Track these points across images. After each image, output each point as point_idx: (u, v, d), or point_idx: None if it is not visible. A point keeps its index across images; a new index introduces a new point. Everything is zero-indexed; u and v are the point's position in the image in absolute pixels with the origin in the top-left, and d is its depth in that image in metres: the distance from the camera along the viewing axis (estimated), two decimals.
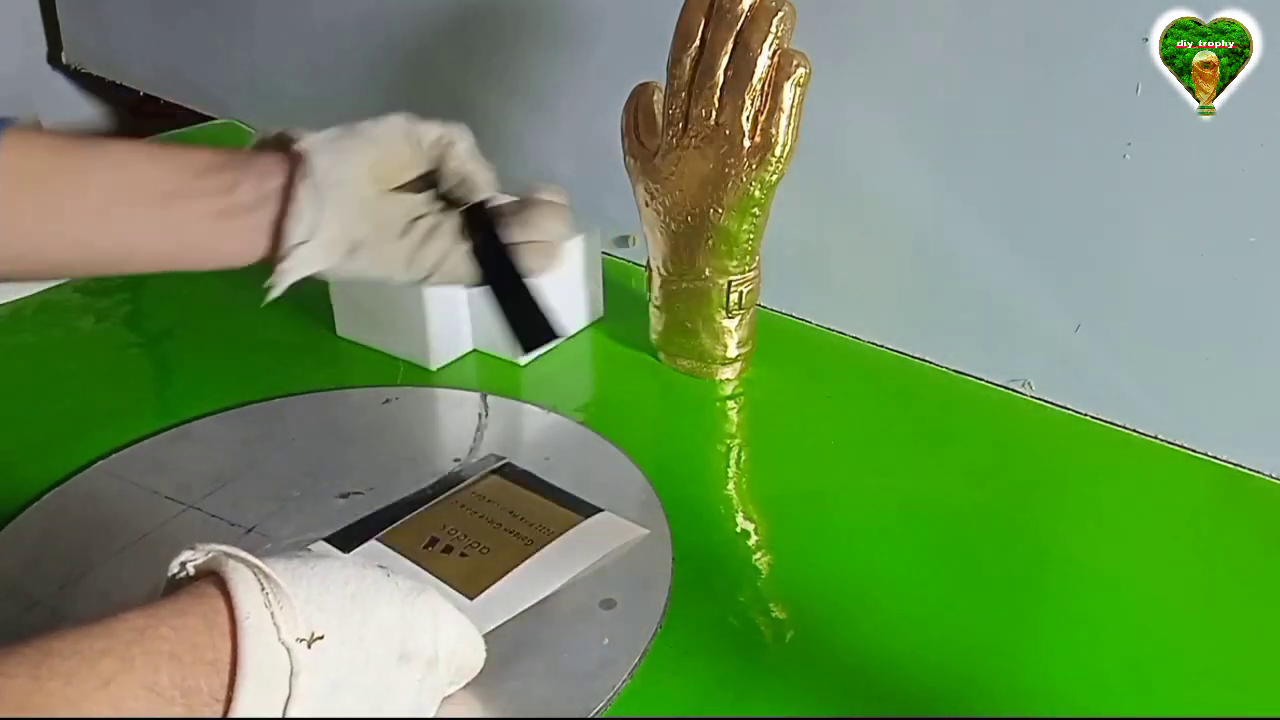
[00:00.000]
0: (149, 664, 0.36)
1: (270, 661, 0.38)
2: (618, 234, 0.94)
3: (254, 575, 0.39)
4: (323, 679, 0.40)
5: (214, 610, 0.39)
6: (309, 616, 0.40)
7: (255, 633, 0.38)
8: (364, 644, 0.42)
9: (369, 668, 0.42)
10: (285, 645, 0.39)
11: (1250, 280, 0.64)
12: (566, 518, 0.61)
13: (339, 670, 0.40)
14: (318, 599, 0.41)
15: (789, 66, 0.68)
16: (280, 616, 0.39)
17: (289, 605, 0.39)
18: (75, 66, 1.47)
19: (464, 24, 1.01)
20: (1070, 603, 0.57)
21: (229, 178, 0.53)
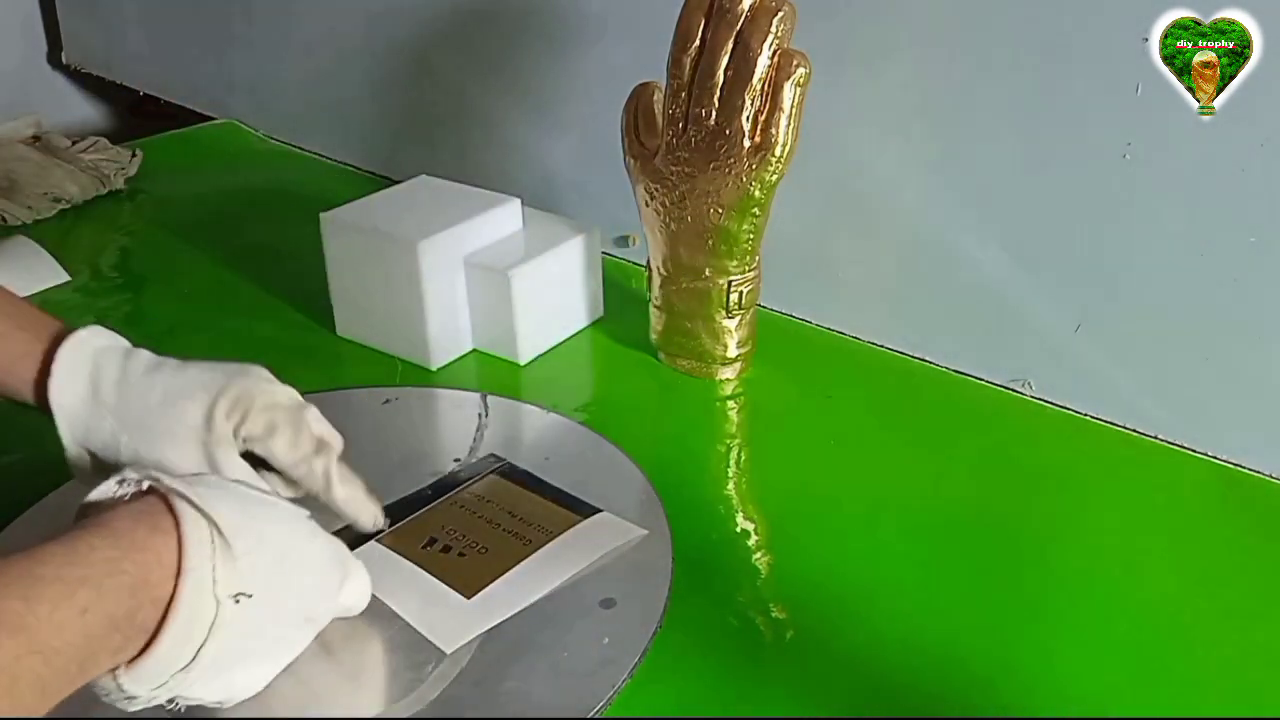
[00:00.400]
0: (115, 596, 0.39)
1: (199, 610, 0.42)
2: (618, 234, 0.94)
3: (207, 526, 0.42)
4: (238, 631, 0.43)
5: (167, 549, 0.41)
6: (243, 574, 0.43)
7: (196, 584, 0.41)
8: (280, 606, 0.46)
9: (277, 625, 0.46)
10: (217, 599, 0.42)
11: (1250, 280, 0.64)
12: (565, 518, 0.61)
13: (252, 624, 0.44)
14: (253, 557, 0.44)
15: (789, 66, 0.68)
16: (220, 571, 0.42)
17: (230, 561, 0.42)
18: (75, 66, 1.47)
19: (465, 25, 1.01)
20: (1070, 602, 0.57)
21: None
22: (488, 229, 0.80)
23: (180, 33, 1.33)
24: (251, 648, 0.45)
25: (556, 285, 0.81)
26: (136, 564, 0.40)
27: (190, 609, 0.41)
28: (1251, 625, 0.56)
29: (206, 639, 0.42)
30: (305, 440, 0.54)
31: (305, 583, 0.48)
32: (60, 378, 0.53)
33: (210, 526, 0.42)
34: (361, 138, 1.18)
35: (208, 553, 0.42)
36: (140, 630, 0.40)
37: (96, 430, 0.54)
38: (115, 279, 0.96)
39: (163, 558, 0.41)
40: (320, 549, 0.49)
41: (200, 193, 1.14)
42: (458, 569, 0.57)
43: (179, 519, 0.42)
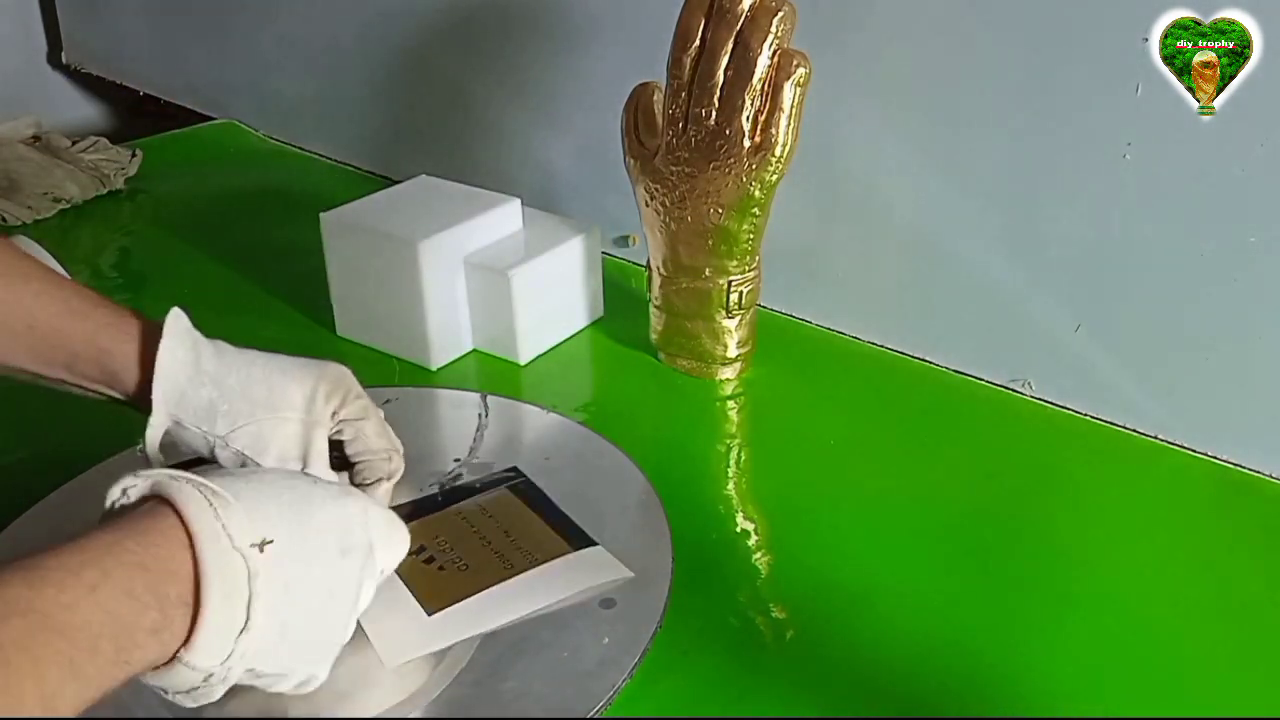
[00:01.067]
0: (124, 573, 0.39)
1: (229, 567, 0.41)
2: (618, 234, 0.94)
3: (199, 492, 0.42)
4: (277, 578, 0.43)
5: (169, 526, 0.41)
6: (255, 524, 0.43)
7: (211, 542, 0.41)
8: (308, 543, 0.45)
9: (316, 563, 0.45)
10: (240, 551, 0.42)
11: (1250, 280, 0.64)
12: (557, 546, 0.58)
13: (291, 569, 0.44)
14: (261, 508, 0.44)
15: (789, 66, 0.68)
16: (231, 527, 0.42)
17: (237, 514, 0.42)
18: (75, 66, 1.47)
19: (465, 24, 1.01)
20: (1070, 602, 0.57)
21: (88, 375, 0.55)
22: (488, 229, 0.80)
23: (180, 33, 1.33)
24: (301, 596, 0.44)
25: (556, 285, 0.81)
26: (140, 544, 0.40)
27: (217, 568, 0.41)
28: (1251, 625, 0.56)
29: (251, 594, 0.41)
30: (391, 435, 0.59)
31: (324, 516, 0.46)
32: (170, 341, 0.54)
33: (203, 491, 0.42)
34: (361, 138, 1.18)
35: (209, 513, 0.42)
36: (179, 604, 0.40)
37: (193, 398, 0.54)
38: (115, 279, 0.96)
39: (167, 534, 0.41)
40: (326, 487, 0.48)
41: (200, 193, 1.14)
42: (432, 582, 0.56)
43: (169, 494, 0.42)
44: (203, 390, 0.54)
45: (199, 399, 0.54)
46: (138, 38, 1.38)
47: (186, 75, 1.35)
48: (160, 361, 0.53)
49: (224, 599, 0.41)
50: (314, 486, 0.48)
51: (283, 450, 0.55)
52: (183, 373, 0.54)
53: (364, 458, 0.58)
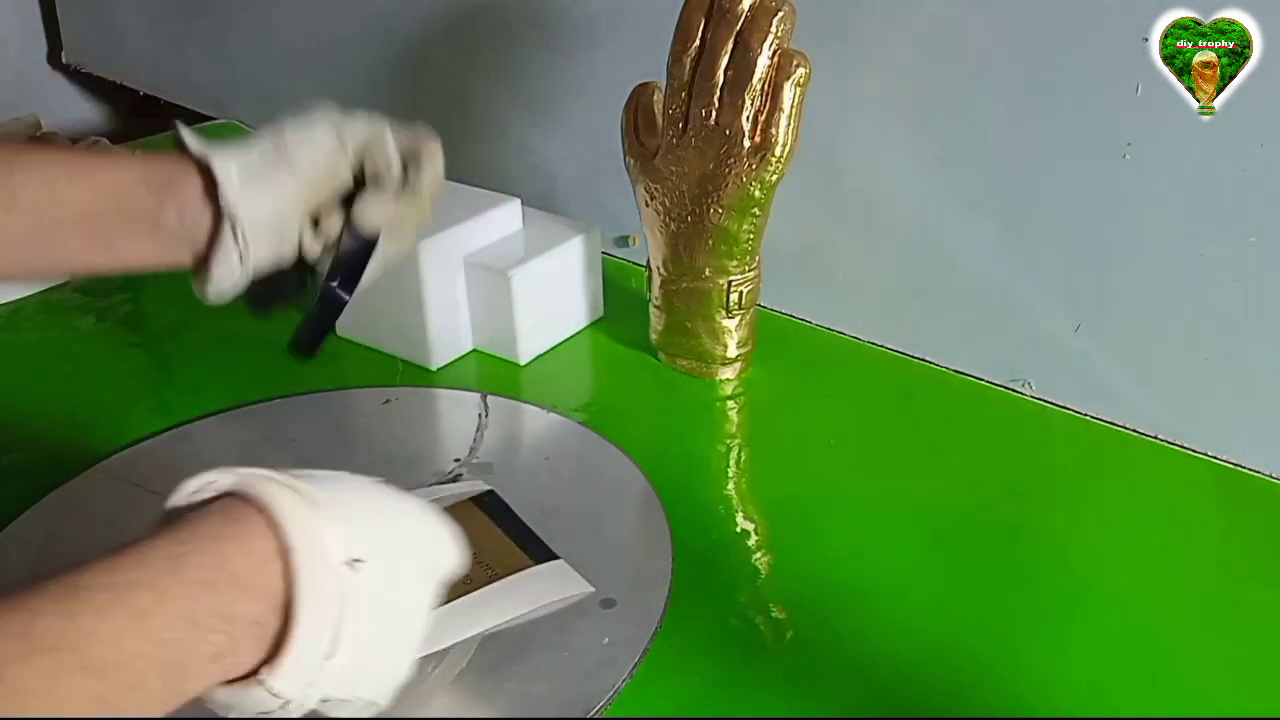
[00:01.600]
0: (185, 593, 0.35)
1: (322, 586, 0.38)
2: (618, 234, 0.94)
3: (298, 499, 0.39)
4: (367, 600, 0.40)
5: (255, 535, 0.38)
6: (349, 539, 0.39)
7: (309, 559, 0.37)
8: (396, 564, 0.42)
9: (400, 586, 0.42)
10: (334, 570, 0.38)
11: (1250, 280, 0.64)
12: (518, 560, 0.57)
13: (379, 591, 0.40)
14: (353, 522, 0.40)
15: (789, 66, 0.68)
16: (327, 540, 0.38)
17: (333, 529, 0.39)
18: (75, 66, 1.47)
19: (464, 25, 1.01)
20: (1070, 602, 0.57)
21: (150, 202, 0.54)
22: (488, 229, 0.80)
23: (180, 33, 1.33)
24: (386, 619, 0.41)
25: (556, 285, 0.81)
26: (212, 556, 0.36)
27: (313, 586, 0.37)
28: (1251, 625, 0.56)
29: (342, 616, 0.38)
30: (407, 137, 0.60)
31: (409, 537, 0.44)
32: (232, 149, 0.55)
33: (298, 492, 0.39)
34: None
35: (307, 526, 0.38)
36: (251, 626, 0.36)
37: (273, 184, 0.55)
38: (115, 279, 0.96)
39: (251, 545, 0.37)
40: (411, 503, 0.45)
41: None
42: None
43: (263, 500, 0.38)
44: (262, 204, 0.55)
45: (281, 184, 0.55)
46: (138, 38, 1.38)
47: (186, 75, 1.35)
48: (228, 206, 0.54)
49: (315, 622, 0.37)
50: (399, 500, 0.45)
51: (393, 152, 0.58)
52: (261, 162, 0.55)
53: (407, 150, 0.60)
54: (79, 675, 0.32)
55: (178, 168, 0.55)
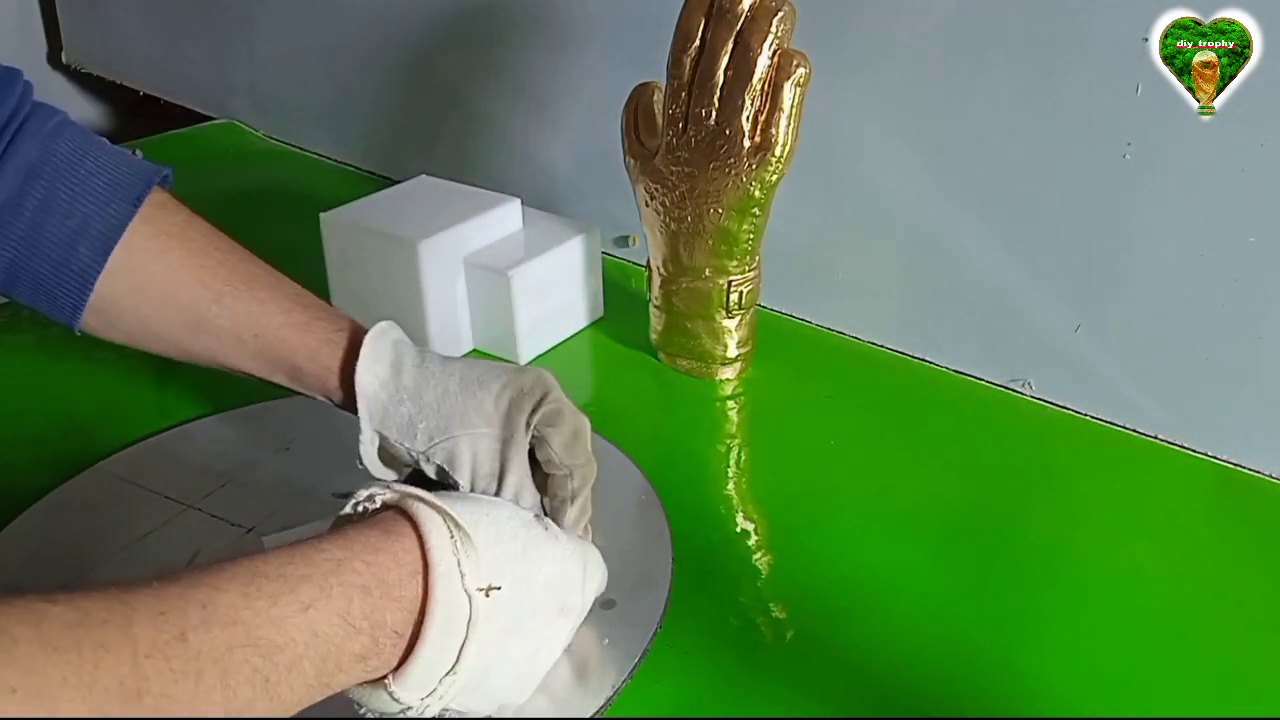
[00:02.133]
0: (344, 594, 0.39)
1: (454, 607, 0.41)
2: (618, 234, 0.94)
3: (444, 522, 0.42)
4: (495, 626, 0.42)
5: (404, 550, 0.41)
6: (488, 567, 0.42)
7: (445, 579, 0.41)
8: (531, 595, 0.45)
9: (534, 617, 0.45)
10: (468, 593, 0.41)
11: (1250, 280, 0.64)
12: None
13: (509, 619, 0.43)
14: (495, 550, 0.43)
15: (789, 66, 0.68)
16: (465, 565, 0.41)
17: (474, 555, 0.42)
18: (75, 66, 1.47)
19: (464, 24, 1.01)
20: (1070, 602, 0.57)
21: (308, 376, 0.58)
22: (488, 229, 0.80)
23: (180, 33, 1.33)
24: (512, 646, 0.44)
25: (556, 285, 0.81)
26: (368, 564, 0.40)
27: (444, 606, 0.40)
28: (1251, 625, 0.56)
29: (466, 637, 0.41)
30: (582, 443, 0.54)
31: (551, 572, 0.46)
32: (367, 360, 0.55)
33: (448, 522, 0.42)
34: (361, 138, 1.18)
35: (449, 548, 0.41)
36: (392, 634, 0.40)
37: (394, 415, 0.54)
38: None
39: (400, 559, 0.41)
40: (556, 541, 0.48)
41: (200, 193, 1.13)
42: None
43: (416, 519, 0.41)
44: (402, 407, 0.54)
45: (399, 415, 0.54)
46: (138, 38, 1.38)
47: (186, 75, 1.35)
48: (359, 381, 0.54)
49: (442, 638, 0.41)
50: (547, 538, 0.47)
51: (475, 466, 0.53)
52: (383, 390, 0.55)
53: (549, 470, 0.54)
54: (248, 650, 0.35)
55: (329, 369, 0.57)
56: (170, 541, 0.61)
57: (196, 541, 0.61)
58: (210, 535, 0.61)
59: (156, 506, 0.63)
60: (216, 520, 0.62)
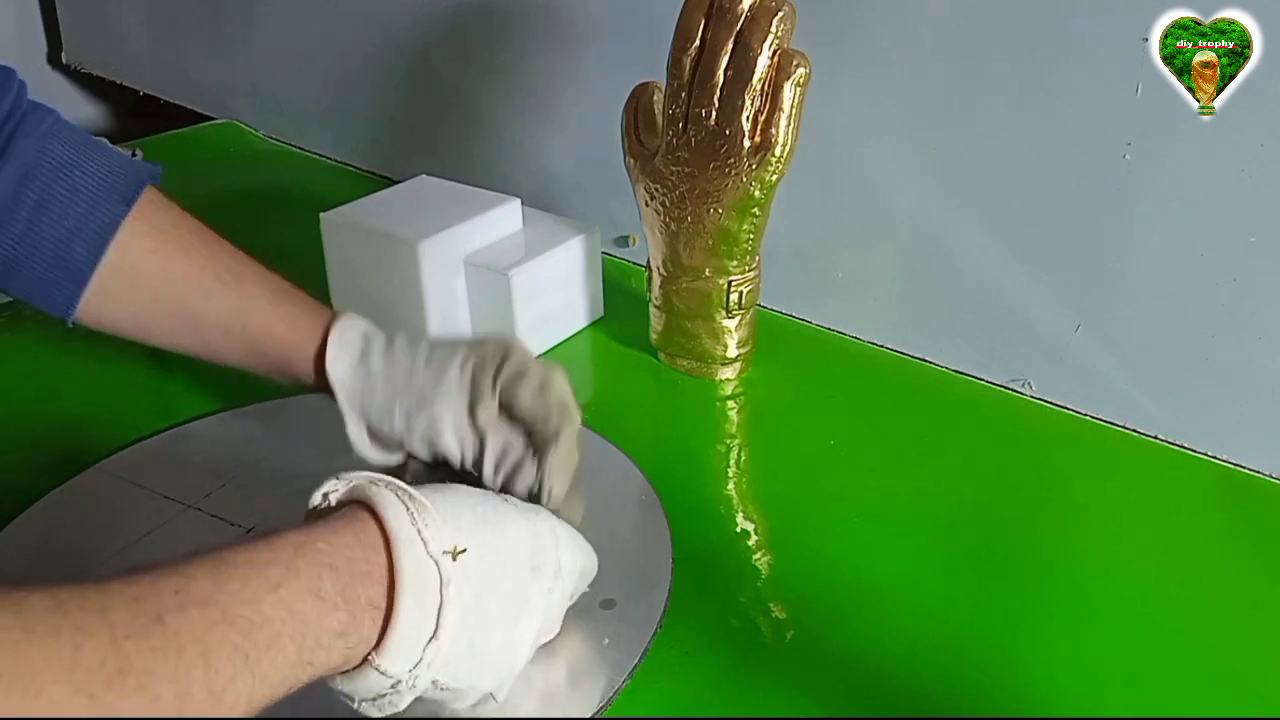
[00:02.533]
0: (312, 573, 0.39)
1: (422, 572, 0.41)
2: (618, 234, 0.94)
3: (398, 497, 0.42)
4: (468, 588, 0.43)
5: (364, 529, 0.42)
6: (450, 533, 0.43)
7: (408, 546, 0.41)
8: (500, 556, 0.45)
9: (506, 578, 0.45)
10: (433, 558, 0.42)
11: (1250, 280, 0.64)
12: None
13: (481, 581, 0.44)
14: (455, 518, 0.44)
15: (789, 66, 0.68)
16: (426, 533, 0.42)
17: (433, 522, 0.42)
18: (75, 66, 1.47)
19: (465, 24, 1.01)
20: (1070, 602, 0.57)
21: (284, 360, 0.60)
22: (488, 229, 0.80)
23: (180, 33, 1.33)
24: (490, 610, 0.44)
25: (556, 285, 0.81)
26: (331, 544, 0.40)
27: (411, 573, 0.41)
28: (1251, 625, 0.56)
29: (441, 601, 0.41)
30: (553, 392, 0.56)
31: (515, 533, 0.47)
32: (334, 350, 0.57)
33: (401, 497, 0.43)
34: (361, 138, 1.18)
35: (407, 518, 0.42)
36: (368, 607, 0.40)
37: (371, 400, 0.57)
38: None
39: (362, 537, 0.41)
40: (516, 504, 0.49)
41: (200, 193, 1.13)
42: None
43: (370, 500, 0.42)
44: (377, 391, 0.57)
45: (376, 399, 0.57)
46: (138, 38, 1.38)
47: (186, 75, 1.35)
48: (331, 372, 0.57)
49: (416, 604, 0.41)
50: (505, 503, 0.48)
51: (458, 435, 0.55)
52: (355, 379, 0.57)
53: (528, 425, 0.55)
54: (226, 628, 0.36)
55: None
56: (170, 541, 0.61)
57: (196, 541, 0.61)
58: (210, 535, 0.61)
59: (156, 506, 0.63)
60: (217, 520, 0.62)
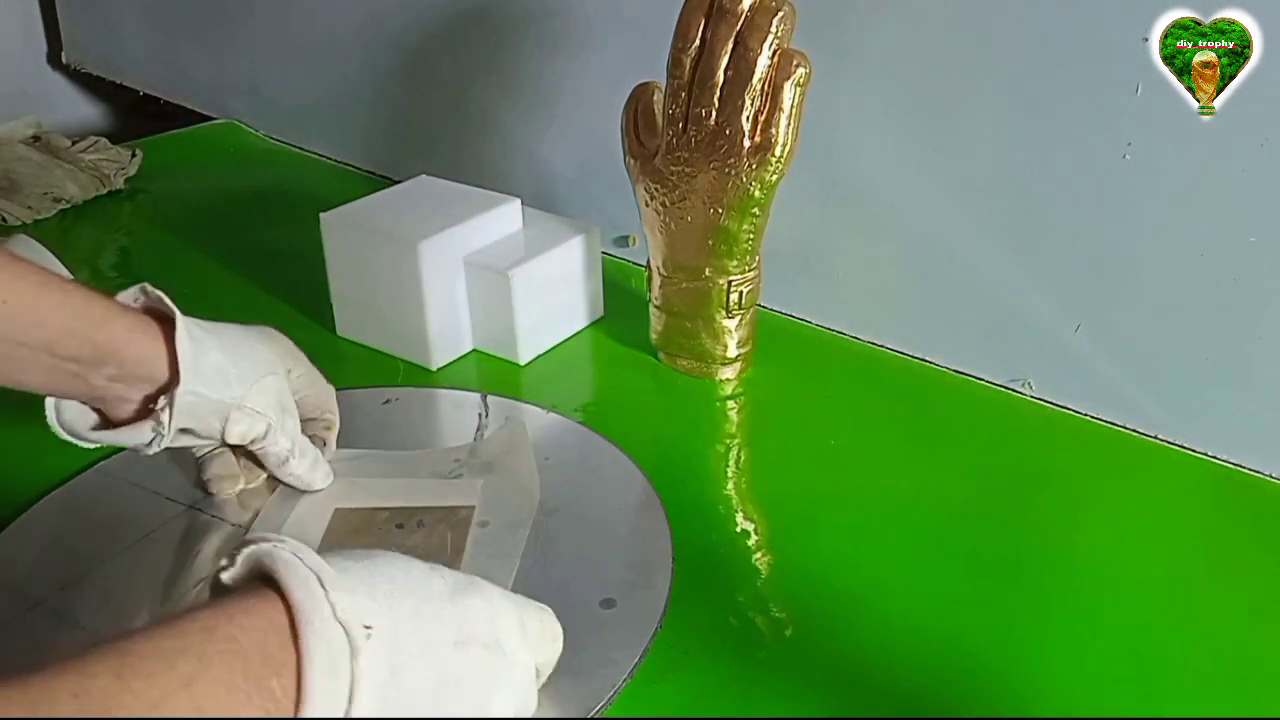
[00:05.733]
0: (224, 662, 0.36)
1: (332, 646, 0.39)
2: (618, 234, 0.94)
3: (305, 565, 0.40)
4: (381, 661, 0.40)
5: (275, 610, 0.39)
6: (360, 606, 0.40)
7: (316, 623, 0.38)
8: (417, 630, 0.42)
9: (426, 654, 0.42)
10: (344, 627, 0.39)
11: (1250, 280, 0.64)
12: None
13: (396, 655, 0.41)
14: (367, 589, 0.41)
15: (789, 66, 0.68)
16: (334, 596, 0.39)
17: (343, 595, 0.40)
18: (75, 66, 1.47)
19: (465, 24, 1.01)
20: (1070, 602, 0.57)
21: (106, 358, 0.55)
22: (488, 229, 0.80)
23: (180, 33, 1.33)
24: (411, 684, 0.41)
25: (556, 285, 0.81)
26: (243, 628, 0.37)
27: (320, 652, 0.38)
28: (1251, 625, 0.56)
29: (354, 675, 0.38)
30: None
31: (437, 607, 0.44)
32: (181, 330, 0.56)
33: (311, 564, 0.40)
34: (361, 138, 1.18)
35: (314, 590, 0.39)
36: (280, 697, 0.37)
37: (205, 367, 0.57)
38: (115, 279, 0.96)
39: (272, 619, 0.38)
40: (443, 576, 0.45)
41: (200, 193, 1.14)
42: None
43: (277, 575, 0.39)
44: (211, 355, 0.57)
45: (209, 365, 0.57)
46: (138, 38, 1.38)
47: (186, 75, 1.35)
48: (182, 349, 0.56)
49: (327, 677, 0.38)
50: (430, 574, 0.45)
51: (283, 401, 0.61)
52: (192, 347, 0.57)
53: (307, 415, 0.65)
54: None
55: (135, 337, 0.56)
56: (170, 541, 0.61)
57: (196, 541, 0.61)
58: (210, 535, 0.61)
59: (156, 506, 0.63)
60: (217, 520, 0.62)
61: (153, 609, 0.56)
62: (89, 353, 0.54)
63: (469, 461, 0.67)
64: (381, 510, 0.62)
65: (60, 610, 0.56)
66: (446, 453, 0.68)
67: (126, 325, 0.55)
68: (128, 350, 0.55)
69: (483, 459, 0.67)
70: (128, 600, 0.57)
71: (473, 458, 0.67)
